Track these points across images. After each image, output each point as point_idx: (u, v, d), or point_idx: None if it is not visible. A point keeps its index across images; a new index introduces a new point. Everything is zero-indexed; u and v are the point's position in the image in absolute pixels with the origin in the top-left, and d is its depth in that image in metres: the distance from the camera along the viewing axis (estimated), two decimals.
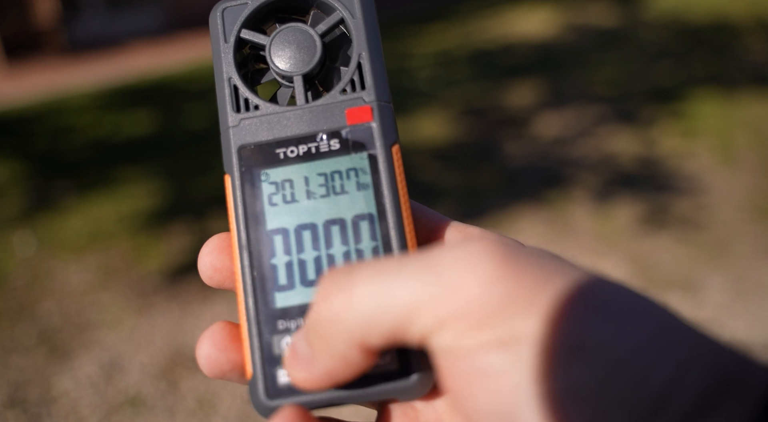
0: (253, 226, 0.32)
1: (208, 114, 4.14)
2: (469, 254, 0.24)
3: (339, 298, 0.25)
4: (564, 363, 0.22)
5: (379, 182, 0.32)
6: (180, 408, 1.80)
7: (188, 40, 6.15)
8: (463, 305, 0.23)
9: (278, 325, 0.31)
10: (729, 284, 2.12)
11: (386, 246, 0.31)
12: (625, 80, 4.00)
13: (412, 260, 0.25)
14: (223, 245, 0.33)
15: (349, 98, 0.33)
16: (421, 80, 4.32)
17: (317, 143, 0.33)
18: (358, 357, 0.26)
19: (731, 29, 4.77)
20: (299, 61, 0.34)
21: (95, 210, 2.94)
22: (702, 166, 2.88)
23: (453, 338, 0.23)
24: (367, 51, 0.34)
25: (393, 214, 0.31)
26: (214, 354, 0.31)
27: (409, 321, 0.24)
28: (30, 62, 5.92)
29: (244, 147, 0.33)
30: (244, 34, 0.35)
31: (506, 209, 2.64)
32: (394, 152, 0.32)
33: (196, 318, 2.16)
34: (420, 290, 0.24)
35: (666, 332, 0.22)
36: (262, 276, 0.31)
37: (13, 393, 1.90)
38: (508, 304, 0.23)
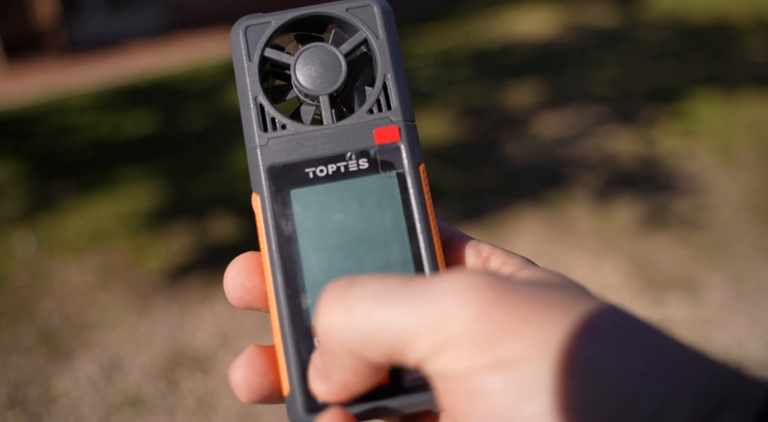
0: (285, 245, 0.32)
1: (208, 114, 4.14)
2: (463, 285, 0.25)
3: (337, 311, 0.26)
4: (556, 384, 0.23)
5: (408, 200, 0.32)
6: (180, 408, 1.80)
7: (188, 40, 6.15)
8: (455, 335, 0.24)
9: (314, 342, 0.31)
10: (729, 284, 2.12)
11: (417, 264, 0.32)
12: (625, 80, 4.01)
13: (410, 286, 0.25)
14: (250, 265, 0.33)
15: (376, 118, 0.34)
16: (421, 80, 4.32)
17: (346, 162, 0.33)
18: (366, 369, 0.27)
19: (731, 29, 4.77)
20: (324, 80, 0.34)
21: (95, 210, 2.94)
22: (702, 166, 2.88)
23: (446, 364, 0.24)
24: (392, 72, 0.34)
25: (423, 232, 0.32)
26: (255, 380, 0.31)
27: (404, 346, 0.25)
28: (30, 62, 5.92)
29: (273, 167, 0.33)
30: (268, 53, 0.35)
31: (506, 209, 2.64)
32: (421, 170, 0.33)
33: (196, 317, 2.16)
34: (415, 319, 0.24)
35: (656, 355, 0.23)
36: (296, 295, 0.32)
37: (13, 393, 1.90)
38: (500, 332, 0.24)
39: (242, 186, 3.02)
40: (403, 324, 0.25)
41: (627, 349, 0.23)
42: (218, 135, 3.71)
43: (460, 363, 0.24)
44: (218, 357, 1.98)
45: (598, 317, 0.24)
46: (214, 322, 2.13)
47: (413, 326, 0.24)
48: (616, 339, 0.24)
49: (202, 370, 1.93)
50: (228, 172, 3.22)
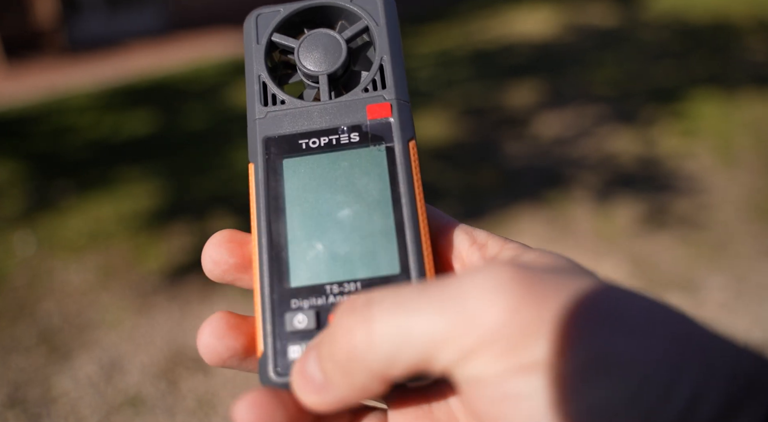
0: (273, 210, 0.34)
1: (208, 114, 4.14)
2: (489, 282, 0.24)
3: (359, 333, 0.25)
4: (589, 382, 0.22)
5: (395, 172, 0.33)
6: (180, 408, 1.80)
7: (188, 40, 6.14)
8: (486, 336, 0.23)
9: (291, 304, 0.32)
10: (729, 284, 2.12)
11: (399, 233, 0.32)
12: (625, 80, 4.00)
13: (431, 290, 0.25)
14: (223, 239, 0.34)
15: (370, 96, 0.35)
16: (421, 80, 4.32)
17: (338, 135, 0.35)
18: (377, 387, 0.26)
19: (731, 29, 4.77)
20: (325, 62, 0.36)
21: (95, 210, 2.94)
22: (702, 166, 2.88)
23: (477, 368, 0.23)
24: (389, 54, 0.36)
25: (408, 202, 0.33)
26: (211, 342, 0.31)
27: (432, 354, 0.24)
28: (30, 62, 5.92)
29: (269, 138, 0.35)
30: (275, 37, 0.37)
31: (506, 209, 2.64)
32: (411, 146, 0.34)
33: (196, 317, 2.16)
34: (442, 323, 0.23)
35: (686, 341, 0.23)
36: (278, 257, 0.33)
37: (13, 393, 1.90)
38: (529, 331, 0.23)
39: (242, 186, 3.02)
40: (429, 331, 0.24)
41: (658, 338, 0.23)
42: (218, 135, 3.71)
43: (492, 366, 0.23)
44: None
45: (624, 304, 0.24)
46: None
47: (441, 330, 0.23)
48: (645, 327, 0.23)
49: (202, 370, 1.93)
50: (228, 172, 3.22)
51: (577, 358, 0.22)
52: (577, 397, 0.22)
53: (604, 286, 0.25)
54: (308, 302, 0.32)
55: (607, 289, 0.24)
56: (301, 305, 0.32)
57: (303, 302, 0.32)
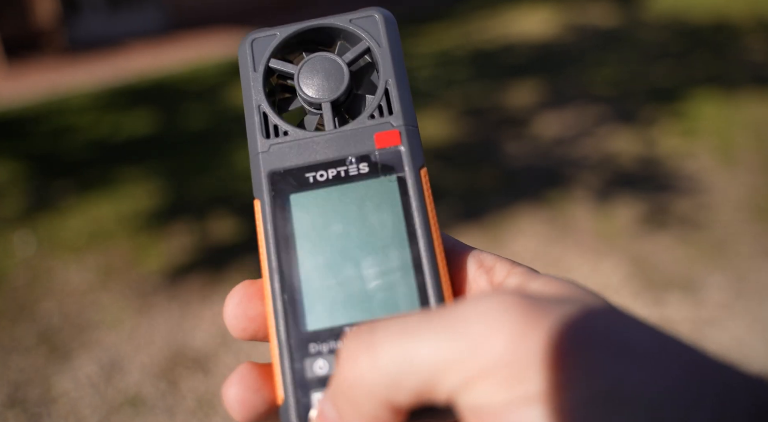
0: (283, 250, 0.32)
1: (208, 114, 4.14)
2: (493, 309, 0.23)
3: (362, 358, 0.25)
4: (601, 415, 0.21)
5: (408, 204, 0.32)
6: (180, 408, 1.80)
7: (188, 40, 6.14)
8: (490, 363, 0.22)
9: (310, 348, 0.31)
10: (729, 284, 2.12)
11: (417, 268, 0.31)
12: (625, 80, 4.00)
13: (435, 317, 0.24)
14: (250, 292, 0.32)
15: (377, 123, 0.34)
16: (421, 80, 4.32)
17: (346, 166, 0.33)
18: (387, 417, 0.25)
19: (731, 29, 4.77)
20: (327, 88, 0.35)
21: (95, 210, 2.94)
22: (702, 166, 2.88)
23: (481, 396, 0.23)
24: (394, 78, 0.34)
25: (423, 236, 0.31)
26: (248, 397, 0.30)
27: (435, 380, 0.23)
28: (30, 62, 5.92)
29: (274, 172, 0.33)
30: (272, 64, 0.35)
31: (506, 209, 2.64)
32: (422, 174, 0.33)
33: (196, 317, 2.16)
34: (446, 349, 0.23)
35: (700, 372, 0.22)
36: (293, 300, 0.31)
37: (13, 393, 1.90)
38: (535, 360, 0.22)
39: (242, 186, 3.02)
40: (433, 356, 0.23)
41: (671, 372, 0.22)
42: (218, 135, 3.71)
43: (497, 395, 0.22)
44: (218, 357, 1.98)
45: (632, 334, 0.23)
46: (214, 322, 2.13)
47: (444, 356, 0.23)
48: (655, 357, 0.22)
49: (202, 370, 1.93)
50: (228, 172, 3.22)
51: (582, 391, 0.21)
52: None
53: (611, 314, 0.24)
54: (327, 346, 0.31)
55: (614, 317, 0.24)
56: (320, 350, 0.31)
57: (322, 346, 0.31)
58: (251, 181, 0.34)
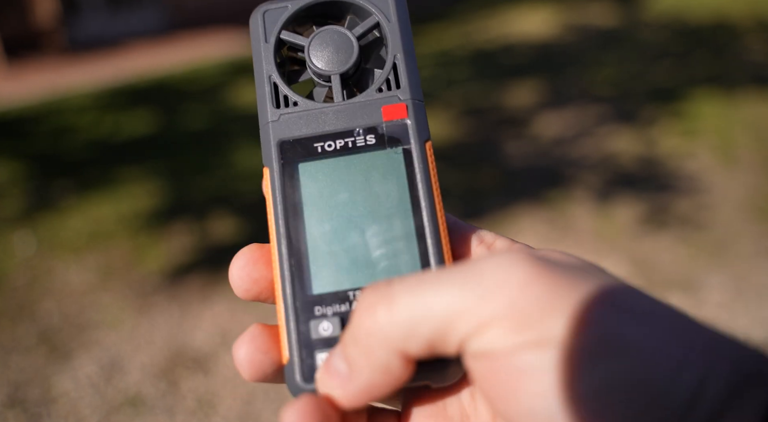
0: (291, 216, 0.33)
1: (208, 114, 4.14)
2: (505, 261, 0.25)
3: (380, 309, 0.26)
4: (600, 361, 0.23)
5: (413, 175, 0.33)
6: (180, 408, 1.80)
7: (188, 40, 6.14)
8: (501, 311, 0.24)
9: (315, 311, 0.32)
10: (729, 284, 2.12)
11: (420, 236, 0.32)
12: (625, 80, 4.00)
13: (449, 271, 0.26)
14: (255, 256, 0.33)
15: (385, 96, 0.35)
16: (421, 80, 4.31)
17: (354, 137, 0.34)
18: (398, 366, 0.26)
19: (731, 29, 4.77)
20: (337, 61, 0.35)
21: (95, 210, 2.94)
22: (702, 166, 2.88)
23: (491, 341, 0.24)
24: (402, 52, 0.35)
25: (427, 205, 0.32)
26: (257, 357, 0.31)
27: (448, 326, 0.25)
28: (30, 62, 5.92)
29: (283, 141, 0.34)
30: (284, 35, 0.36)
31: (506, 209, 2.64)
32: (427, 147, 0.34)
33: (196, 317, 2.16)
34: (459, 296, 0.25)
35: (691, 332, 0.24)
36: (299, 264, 0.32)
37: (13, 393, 1.90)
38: (543, 306, 0.24)
39: (242, 186, 3.02)
40: (448, 304, 0.25)
41: (665, 327, 0.24)
42: (218, 135, 3.71)
43: (505, 340, 0.24)
44: (218, 357, 1.98)
45: (632, 297, 0.25)
46: (214, 322, 2.13)
47: (458, 304, 0.25)
48: (653, 317, 0.24)
49: (202, 370, 1.93)
50: (228, 172, 3.22)
51: (588, 337, 0.23)
52: (586, 375, 0.23)
53: (613, 279, 0.26)
54: (332, 309, 0.32)
55: (616, 281, 0.26)
56: (325, 313, 0.31)
57: (327, 309, 0.32)
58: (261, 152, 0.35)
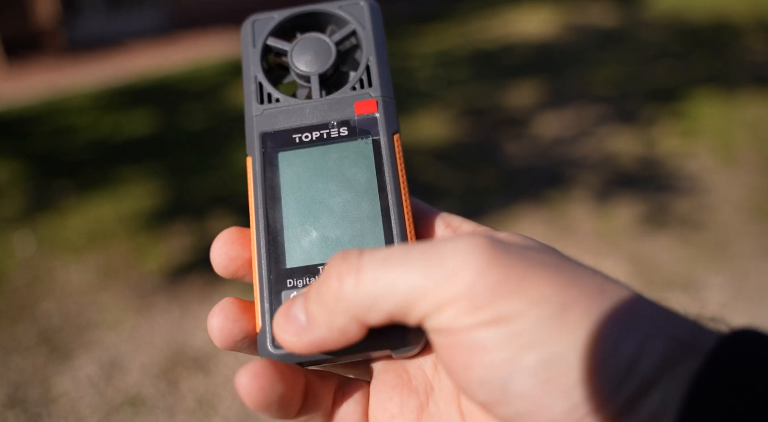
0: (270, 199, 0.36)
1: (208, 114, 4.14)
2: (464, 246, 0.27)
3: (348, 278, 0.28)
4: (550, 337, 0.25)
5: (381, 163, 0.36)
6: (180, 408, 1.80)
7: (188, 40, 6.14)
8: (460, 291, 0.26)
9: (287, 283, 0.34)
10: (729, 284, 2.12)
11: (385, 216, 0.35)
12: (625, 80, 4.00)
13: (414, 250, 0.28)
14: (234, 237, 0.36)
15: (358, 94, 0.38)
16: (421, 80, 4.32)
17: (329, 129, 0.37)
18: (355, 331, 0.29)
19: (731, 29, 4.77)
20: (316, 63, 0.39)
21: (95, 210, 2.94)
22: (702, 166, 2.88)
23: (450, 319, 0.26)
24: (375, 55, 0.39)
25: (393, 189, 0.36)
26: (227, 325, 0.34)
27: (410, 304, 0.27)
28: (30, 62, 5.92)
29: (265, 133, 0.38)
30: (270, 41, 0.40)
31: (506, 209, 2.64)
32: (395, 139, 0.37)
33: (196, 317, 2.16)
34: (421, 278, 0.27)
35: (632, 309, 0.26)
36: (275, 242, 0.35)
37: (13, 393, 1.90)
38: (499, 290, 0.26)
39: (242, 186, 3.01)
40: (410, 285, 0.27)
41: (607, 305, 0.26)
42: (218, 135, 3.71)
43: (462, 319, 0.26)
44: (218, 357, 1.98)
45: (581, 276, 0.27)
46: None
47: (419, 286, 0.27)
48: (600, 296, 0.26)
49: (202, 370, 1.93)
50: (228, 172, 3.22)
51: (536, 315, 0.25)
52: (536, 349, 0.25)
53: (562, 259, 0.28)
54: (303, 281, 0.34)
55: (565, 261, 0.28)
56: (296, 284, 0.34)
57: (298, 281, 0.34)
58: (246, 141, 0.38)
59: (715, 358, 0.25)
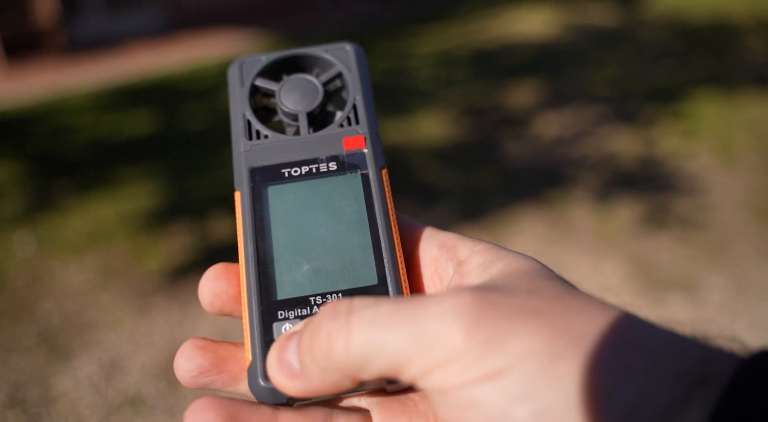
0: (259, 232, 0.36)
1: (208, 114, 4.14)
2: (448, 307, 0.27)
3: (338, 339, 0.28)
4: (541, 388, 0.25)
5: (370, 196, 0.37)
6: (180, 408, 1.80)
7: (188, 40, 6.14)
8: (446, 355, 0.26)
9: (278, 315, 0.34)
10: (729, 284, 2.12)
11: (376, 249, 0.35)
12: (625, 80, 4.00)
13: (403, 309, 0.27)
14: (218, 273, 0.36)
15: (346, 130, 0.39)
16: (421, 80, 4.32)
17: (318, 164, 0.38)
18: (348, 384, 0.29)
19: (731, 29, 4.77)
20: (304, 101, 0.40)
21: (95, 210, 2.94)
22: (702, 166, 2.88)
23: (440, 380, 0.26)
24: (361, 95, 0.40)
25: (382, 221, 0.36)
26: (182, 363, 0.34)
27: (398, 368, 0.27)
28: (30, 62, 5.92)
29: (254, 168, 0.38)
30: (257, 82, 0.41)
31: (506, 209, 2.64)
32: (383, 173, 0.38)
33: (196, 317, 2.16)
34: (410, 343, 0.26)
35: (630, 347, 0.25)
36: (265, 274, 0.35)
37: (13, 393, 1.90)
38: (486, 348, 0.26)
39: None
40: (398, 348, 0.27)
41: (603, 346, 0.25)
42: (218, 135, 3.71)
43: (453, 379, 0.26)
44: None
45: (572, 319, 0.26)
46: (214, 322, 2.13)
47: (407, 350, 0.26)
48: (592, 340, 0.25)
49: None
50: (228, 172, 3.22)
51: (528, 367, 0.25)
52: (528, 402, 0.25)
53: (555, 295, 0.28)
54: (294, 313, 0.34)
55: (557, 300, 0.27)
56: (287, 316, 0.34)
57: (289, 313, 0.34)
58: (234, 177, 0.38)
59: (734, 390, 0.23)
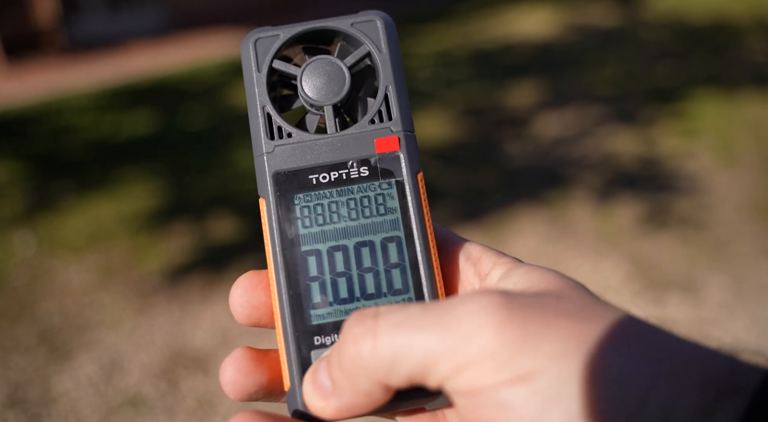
0: (288, 247, 0.34)
1: (208, 114, 4.14)
2: (477, 307, 0.27)
3: (365, 342, 0.27)
4: (574, 391, 0.24)
5: (406, 206, 0.34)
6: (180, 408, 1.80)
7: (188, 40, 6.14)
8: (477, 354, 0.26)
9: (315, 341, 0.33)
10: (729, 284, 2.12)
11: (413, 267, 0.33)
12: (625, 80, 4.00)
13: (431, 312, 0.27)
14: (254, 282, 0.35)
15: (377, 128, 0.35)
16: (421, 80, 4.32)
17: (348, 169, 0.35)
18: (379, 394, 0.28)
19: (731, 29, 4.77)
20: (329, 91, 0.36)
21: (95, 210, 2.94)
22: (702, 166, 2.88)
23: (471, 380, 0.26)
24: (393, 84, 0.36)
25: (420, 236, 0.34)
26: (239, 380, 0.33)
27: (427, 369, 0.27)
28: (30, 62, 5.92)
29: (278, 173, 0.35)
30: (276, 65, 0.37)
31: (506, 209, 2.64)
32: (419, 178, 0.35)
33: (196, 317, 2.16)
34: (439, 343, 0.26)
35: (661, 356, 0.25)
36: (298, 295, 0.33)
37: (13, 393, 1.90)
38: (517, 349, 0.25)
39: (242, 186, 3.02)
40: (426, 349, 0.26)
41: (634, 353, 0.25)
42: (218, 135, 3.71)
43: (483, 380, 0.26)
44: (218, 357, 1.97)
45: (603, 323, 0.26)
46: (214, 322, 2.13)
47: (435, 350, 0.26)
48: (624, 344, 0.25)
49: (202, 370, 1.93)
50: (228, 172, 3.22)
51: (562, 369, 0.25)
52: (561, 405, 0.24)
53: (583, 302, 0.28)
54: (331, 338, 0.33)
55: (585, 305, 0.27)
56: (324, 343, 0.33)
57: (325, 339, 0.33)
58: (255, 179, 0.35)
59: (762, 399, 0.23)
